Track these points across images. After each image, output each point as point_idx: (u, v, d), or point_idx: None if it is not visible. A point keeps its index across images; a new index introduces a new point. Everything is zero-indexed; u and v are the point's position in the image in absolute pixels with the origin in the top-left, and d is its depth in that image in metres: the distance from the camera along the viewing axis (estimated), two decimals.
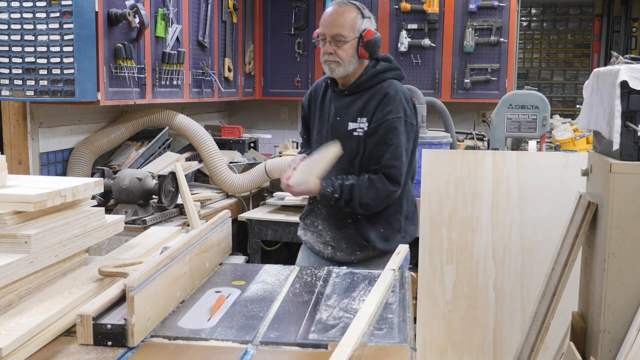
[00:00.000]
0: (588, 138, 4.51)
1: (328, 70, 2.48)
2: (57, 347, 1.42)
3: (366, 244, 2.52)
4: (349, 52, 2.43)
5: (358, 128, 2.47)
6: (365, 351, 1.42)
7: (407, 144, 2.48)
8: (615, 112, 2.01)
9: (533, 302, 2.64)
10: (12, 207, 1.58)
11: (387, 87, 2.48)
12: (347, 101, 2.51)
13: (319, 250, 2.64)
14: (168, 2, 3.67)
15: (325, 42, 2.44)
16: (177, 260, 1.68)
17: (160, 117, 3.94)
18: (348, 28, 2.42)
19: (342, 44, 2.42)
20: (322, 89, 2.63)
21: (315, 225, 2.64)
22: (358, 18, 2.45)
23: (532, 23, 10.26)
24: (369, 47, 2.45)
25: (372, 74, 2.50)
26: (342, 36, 2.42)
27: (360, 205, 2.42)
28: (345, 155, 2.46)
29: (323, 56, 2.46)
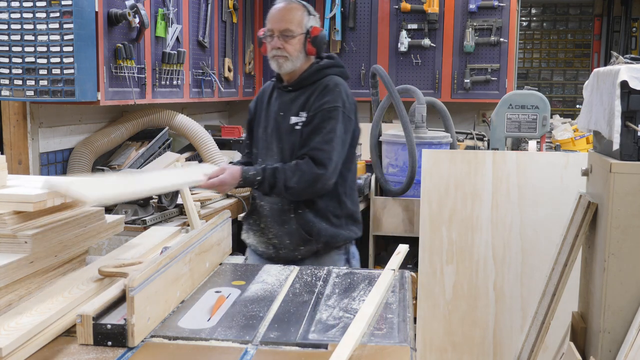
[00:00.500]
0: (588, 138, 4.51)
1: (276, 65, 2.50)
2: (57, 347, 1.42)
3: (309, 238, 2.48)
4: (296, 47, 2.47)
5: (299, 122, 2.49)
6: (365, 351, 1.42)
7: (344, 136, 2.46)
8: (615, 112, 2.01)
9: (533, 302, 2.64)
10: (12, 207, 1.58)
11: (327, 81, 2.51)
12: (291, 97, 2.54)
13: (262, 252, 2.61)
14: (168, 2, 3.67)
15: (273, 37, 2.48)
16: (177, 260, 1.68)
17: (160, 117, 3.94)
18: (296, 23, 2.47)
19: (290, 39, 2.46)
20: (269, 90, 2.66)
21: (257, 224, 2.62)
22: (305, 15, 2.50)
23: (532, 23, 10.25)
24: (315, 43, 2.50)
25: (315, 69, 2.53)
26: (290, 31, 2.46)
27: (285, 189, 2.38)
28: (287, 150, 2.49)
29: (271, 51, 2.49)
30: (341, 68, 2.61)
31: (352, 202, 2.60)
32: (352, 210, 2.59)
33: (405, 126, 3.67)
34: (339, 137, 2.43)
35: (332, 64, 2.57)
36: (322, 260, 2.53)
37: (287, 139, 2.50)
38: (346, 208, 2.56)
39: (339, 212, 2.54)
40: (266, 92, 2.68)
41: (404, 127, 3.68)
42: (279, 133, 2.53)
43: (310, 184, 2.40)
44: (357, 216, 2.64)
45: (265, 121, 2.61)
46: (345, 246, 2.59)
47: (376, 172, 4.06)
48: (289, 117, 2.52)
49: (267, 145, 2.57)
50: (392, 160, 4.02)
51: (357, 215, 2.64)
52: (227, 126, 4.94)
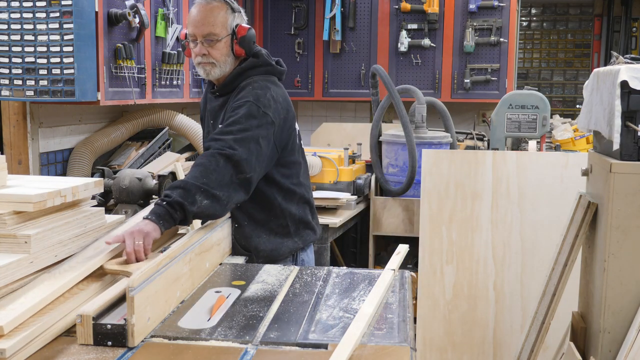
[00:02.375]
0: (588, 138, 4.51)
1: (203, 72, 2.28)
2: (57, 347, 1.42)
3: (248, 253, 2.28)
4: (223, 51, 2.25)
5: None
6: (365, 351, 1.42)
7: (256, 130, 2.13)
8: (615, 112, 2.01)
9: (533, 302, 2.64)
10: (12, 207, 1.58)
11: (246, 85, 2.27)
12: (219, 103, 2.33)
13: None
14: (168, 2, 3.67)
15: (197, 42, 2.24)
16: (177, 260, 1.68)
17: (160, 117, 3.94)
18: (220, 26, 2.23)
19: (215, 43, 2.23)
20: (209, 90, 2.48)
21: None
22: (229, 14, 2.26)
23: (532, 23, 10.25)
24: (243, 44, 2.27)
25: (237, 72, 2.29)
26: (214, 35, 2.22)
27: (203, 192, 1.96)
28: None
29: (196, 58, 2.26)
30: (267, 66, 2.34)
31: (298, 208, 2.37)
32: (298, 216, 2.38)
33: (405, 126, 3.68)
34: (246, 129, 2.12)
35: (254, 64, 2.31)
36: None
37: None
38: (289, 216, 2.35)
39: (281, 222, 2.34)
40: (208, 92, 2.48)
41: (404, 127, 3.68)
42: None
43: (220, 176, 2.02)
44: (307, 219, 2.42)
45: (208, 125, 2.44)
46: (293, 255, 2.40)
47: (376, 172, 4.06)
48: (217, 124, 2.32)
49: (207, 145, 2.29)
50: (392, 160, 4.02)
51: (307, 219, 2.42)
52: None
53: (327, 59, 5.26)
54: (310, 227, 2.44)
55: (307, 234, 2.43)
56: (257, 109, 2.16)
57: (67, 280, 1.59)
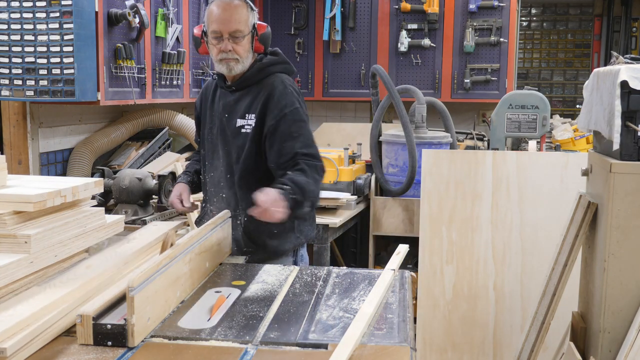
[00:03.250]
0: (588, 138, 4.51)
1: (226, 69, 2.36)
2: (57, 347, 1.42)
3: (255, 246, 2.37)
4: (246, 47, 2.35)
5: (246, 125, 2.36)
6: (365, 351, 1.42)
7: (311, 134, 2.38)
8: (615, 112, 2.01)
9: (533, 302, 2.64)
10: (12, 207, 1.58)
11: (275, 82, 2.38)
12: (235, 97, 2.41)
13: None
14: (168, 2, 3.67)
15: (222, 39, 2.32)
16: (177, 260, 1.68)
17: (160, 117, 3.94)
18: (244, 23, 2.34)
19: (240, 40, 2.33)
20: (212, 87, 2.53)
21: None
22: (249, 12, 2.37)
23: (532, 23, 10.25)
24: (263, 40, 2.40)
25: (258, 68, 2.40)
26: (240, 32, 2.32)
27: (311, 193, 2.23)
28: (233, 152, 2.37)
29: (219, 54, 2.34)
30: (286, 64, 2.48)
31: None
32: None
33: (405, 126, 3.67)
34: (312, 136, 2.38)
35: (275, 61, 2.44)
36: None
37: (233, 142, 2.38)
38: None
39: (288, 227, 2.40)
40: (209, 90, 2.54)
41: (404, 127, 3.68)
42: (225, 135, 2.41)
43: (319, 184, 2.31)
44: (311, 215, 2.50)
45: (210, 122, 2.49)
46: (294, 250, 2.48)
47: (376, 172, 4.06)
48: (234, 119, 2.39)
49: (213, 148, 2.46)
50: (392, 160, 4.02)
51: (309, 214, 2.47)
52: None
53: (327, 59, 5.26)
54: (310, 222, 2.50)
55: (308, 229, 2.49)
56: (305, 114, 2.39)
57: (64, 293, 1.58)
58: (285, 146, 2.30)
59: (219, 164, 2.43)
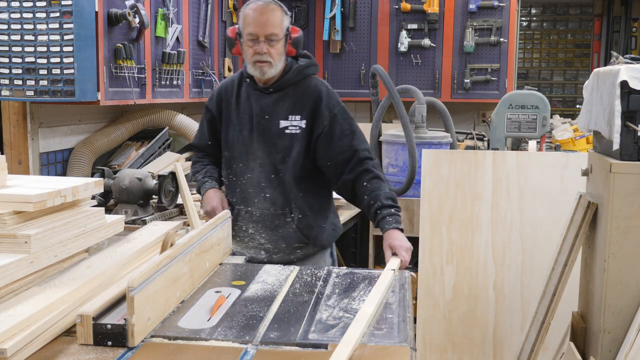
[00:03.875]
0: (588, 138, 4.51)
1: (259, 72, 2.39)
2: (57, 347, 1.42)
3: (307, 241, 2.48)
4: (279, 50, 2.39)
5: (290, 126, 2.42)
6: (365, 351, 1.42)
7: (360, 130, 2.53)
8: (615, 112, 2.01)
9: (533, 302, 2.64)
10: (12, 207, 1.58)
11: (316, 84, 2.49)
12: (274, 99, 2.45)
13: (251, 257, 2.51)
14: (168, 2, 3.67)
15: (257, 42, 2.36)
16: (177, 260, 1.68)
17: (160, 117, 3.94)
18: (279, 26, 2.38)
19: (275, 43, 2.37)
20: (233, 88, 2.54)
21: (244, 230, 2.51)
22: (284, 16, 2.42)
23: (532, 23, 10.25)
24: (295, 44, 2.46)
25: (297, 70, 2.47)
26: (276, 35, 2.37)
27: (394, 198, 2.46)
28: (277, 153, 2.42)
29: (254, 56, 2.37)
30: (317, 66, 2.58)
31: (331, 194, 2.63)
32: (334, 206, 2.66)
33: (405, 126, 3.67)
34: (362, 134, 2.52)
35: (310, 64, 2.53)
36: (314, 259, 2.53)
37: (276, 143, 2.43)
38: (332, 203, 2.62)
39: (329, 208, 2.59)
40: (230, 91, 2.54)
41: (404, 127, 3.68)
42: (264, 136, 2.44)
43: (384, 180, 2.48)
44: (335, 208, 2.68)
45: (239, 123, 2.49)
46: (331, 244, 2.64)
47: None
48: (276, 120, 2.43)
49: (247, 149, 2.47)
50: (392, 160, 4.02)
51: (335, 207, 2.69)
52: None
53: (327, 59, 5.26)
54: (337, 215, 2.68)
55: (337, 222, 2.65)
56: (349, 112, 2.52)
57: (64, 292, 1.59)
58: (342, 144, 2.43)
59: (256, 165, 2.46)
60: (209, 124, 2.60)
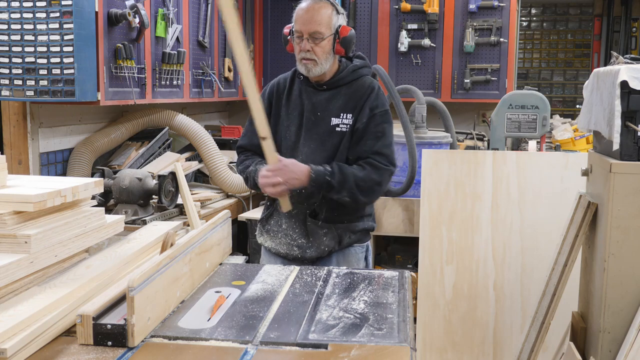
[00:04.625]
0: (588, 138, 4.51)
1: (304, 69, 2.43)
2: (57, 347, 1.43)
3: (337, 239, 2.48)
4: (325, 49, 2.41)
5: (341, 124, 2.44)
6: (365, 351, 1.42)
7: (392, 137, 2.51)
8: (615, 112, 2.01)
9: (533, 302, 2.64)
10: (12, 207, 1.58)
11: (370, 83, 2.49)
12: (326, 97, 2.48)
13: (285, 253, 2.54)
14: (168, 2, 3.67)
15: (302, 39, 2.40)
16: (177, 260, 1.68)
17: (160, 117, 3.94)
18: (325, 25, 2.39)
19: (320, 42, 2.39)
20: (285, 85, 2.56)
21: (279, 225, 2.53)
22: (334, 14, 2.42)
23: (532, 23, 10.26)
24: (345, 44, 2.44)
25: (351, 69, 2.49)
26: (320, 33, 2.38)
27: (356, 185, 2.34)
28: (324, 151, 2.43)
29: (300, 54, 2.42)
30: (370, 68, 2.59)
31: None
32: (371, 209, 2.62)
33: (405, 126, 3.67)
34: (393, 140, 2.48)
35: (365, 64, 2.54)
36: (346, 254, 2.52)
37: (325, 140, 2.44)
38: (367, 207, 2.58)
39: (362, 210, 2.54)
40: (282, 87, 2.57)
41: (404, 127, 3.68)
42: (311, 133, 2.46)
43: (375, 184, 2.39)
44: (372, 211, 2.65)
45: (287, 119, 2.51)
46: (367, 243, 2.61)
47: None
48: (328, 118, 2.45)
49: (292, 145, 2.48)
50: None
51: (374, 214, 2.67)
52: (227, 126, 4.94)
53: None
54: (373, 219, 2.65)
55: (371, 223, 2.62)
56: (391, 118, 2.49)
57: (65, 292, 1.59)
58: (367, 143, 2.42)
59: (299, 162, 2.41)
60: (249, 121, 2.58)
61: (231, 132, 4.75)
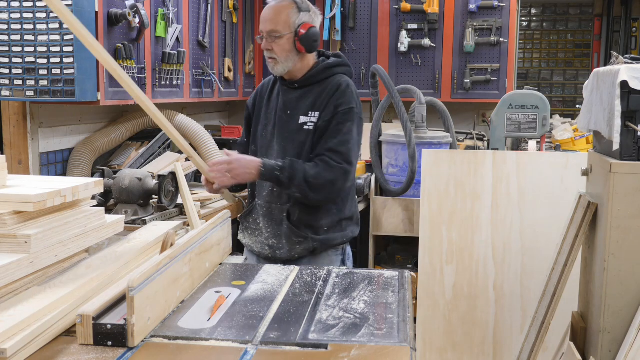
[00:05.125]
0: (588, 138, 4.51)
1: (270, 67, 2.48)
2: (57, 347, 1.43)
3: (304, 236, 2.45)
4: (284, 47, 2.41)
5: (309, 122, 2.45)
6: (365, 351, 1.42)
7: (358, 137, 2.47)
8: (615, 112, 2.01)
9: (533, 302, 2.64)
10: (12, 207, 1.58)
11: (339, 81, 2.48)
12: (297, 95, 2.50)
13: (258, 252, 2.57)
14: (168, 2, 3.67)
15: (263, 39, 2.44)
16: (177, 260, 1.68)
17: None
18: (282, 23, 2.40)
19: (278, 40, 2.41)
20: (269, 86, 2.61)
21: (257, 222, 2.55)
22: (293, 12, 2.42)
23: (532, 23, 10.26)
24: (304, 42, 2.43)
25: (323, 67, 2.51)
26: (276, 32, 2.40)
27: (305, 182, 2.32)
28: (294, 149, 2.45)
29: (264, 53, 2.48)
30: (348, 67, 2.58)
31: (352, 204, 2.57)
32: (352, 211, 2.57)
33: (405, 126, 3.67)
34: (354, 139, 2.43)
35: (339, 63, 2.55)
36: (319, 259, 2.50)
37: (293, 138, 2.45)
38: (347, 210, 2.54)
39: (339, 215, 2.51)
40: (265, 88, 2.62)
41: (404, 127, 3.68)
42: (283, 131, 2.48)
43: (328, 183, 2.36)
44: (356, 217, 2.61)
45: (266, 119, 2.55)
46: (342, 246, 2.56)
47: (376, 172, 4.06)
48: (297, 116, 2.47)
49: (267, 144, 2.51)
50: (392, 160, 4.02)
51: (357, 216, 2.62)
52: (227, 126, 4.94)
53: None
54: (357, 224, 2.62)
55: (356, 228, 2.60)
56: (359, 117, 2.46)
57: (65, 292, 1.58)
58: (325, 141, 2.40)
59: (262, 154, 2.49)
60: (245, 121, 2.68)
61: (231, 132, 4.74)
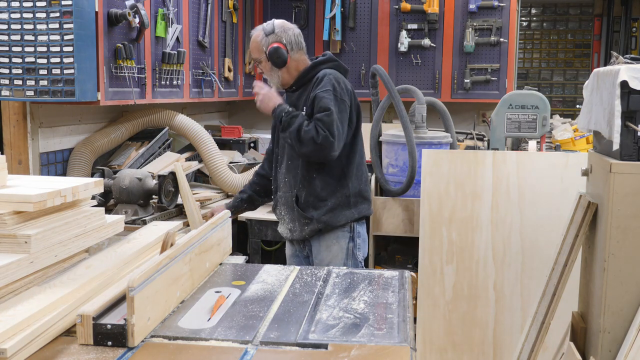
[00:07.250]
0: (588, 138, 4.51)
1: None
2: (57, 347, 1.43)
3: (310, 218, 2.77)
4: (266, 68, 2.83)
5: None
6: (365, 351, 1.42)
7: (339, 114, 2.67)
8: (615, 112, 2.01)
9: (533, 302, 2.64)
10: (12, 207, 1.58)
11: (322, 73, 2.76)
12: (296, 96, 2.86)
13: (285, 237, 2.95)
14: (168, 2, 3.67)
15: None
16: (177, 260, 1.68)
17: (160, 117, 3.94)
18: (257, 50, 2.82)
19: (260, 64, 2.85)
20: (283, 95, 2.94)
21: (280, 212, 2.92)
22: (262, 39, 2.80)
23: (532, 23, 10.25)
24: (271, 59, 2.78)
25: (310, 67, 2.83)
26: (257, 59, 2.85)
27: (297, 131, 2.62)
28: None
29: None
30: (334, 62, 2.86)
31: (359, 181, 2.84)
32: (359, 188, 2.84)
33: (405, 126, 3.67)
34: (334, 113, 2.63)
35: (324, 60, 2.85)
36: (326, 238, 2.80)
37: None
38: (352, 187, 2.81)
39: (342, 191, 2.79)
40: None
41: (404, 127, 3.68)
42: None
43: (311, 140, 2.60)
44: (365, 194, 2.88)
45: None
46: (350, 225, 2.83)
47: (376, 172, 4.06)
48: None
49: (283, 144, 2.84)
50: (392, 160, 4.02)
51: (366, 194, 2.89)
52: (227, 126, 4.94)
53: None
54: (367, 201, 2.90)
55: (365, 207, 2.88)
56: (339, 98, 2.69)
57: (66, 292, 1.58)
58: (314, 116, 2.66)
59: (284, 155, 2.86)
60: (272, 129, 3.01)
61: (231, 132, 4.75)
